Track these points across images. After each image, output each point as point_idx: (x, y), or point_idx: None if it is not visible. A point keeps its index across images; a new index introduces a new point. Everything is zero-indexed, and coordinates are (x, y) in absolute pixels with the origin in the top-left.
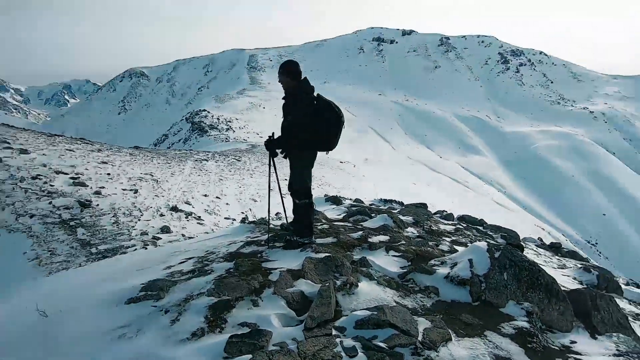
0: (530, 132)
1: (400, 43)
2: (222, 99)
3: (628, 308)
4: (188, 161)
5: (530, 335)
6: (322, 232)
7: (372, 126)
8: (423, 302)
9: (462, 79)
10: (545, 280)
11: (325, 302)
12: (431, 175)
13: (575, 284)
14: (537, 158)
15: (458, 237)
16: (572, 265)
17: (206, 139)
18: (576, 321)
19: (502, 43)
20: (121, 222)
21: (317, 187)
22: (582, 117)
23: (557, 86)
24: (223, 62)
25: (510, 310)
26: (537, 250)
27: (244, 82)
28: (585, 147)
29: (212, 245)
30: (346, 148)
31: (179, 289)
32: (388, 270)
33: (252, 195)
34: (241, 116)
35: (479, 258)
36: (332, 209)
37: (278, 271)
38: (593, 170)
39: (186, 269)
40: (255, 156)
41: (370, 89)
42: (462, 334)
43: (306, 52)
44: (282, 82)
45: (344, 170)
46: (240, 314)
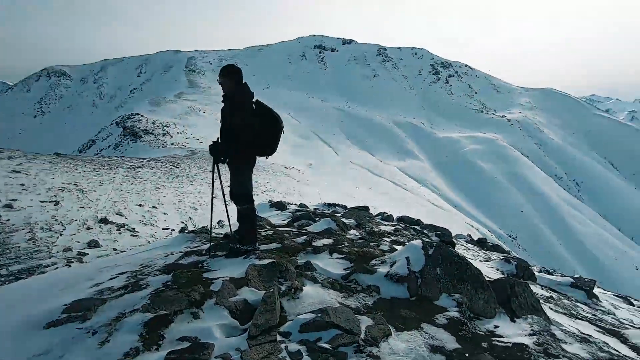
0: (459, 138)
1: (341, 51)
2: (157, 102)
3: (540, 292)
4: (120, 169)
5: (460, 324)
6: (267, 238)
7: (315, 132)
8: (365, 301)
9: (399, 88)
10: (472, 272)
11: (270, 309)
12: (373, 179)
13: (497, 274)
14: (466, 161)
15: (397, 237)
16: (496, 258)
17: (140, 144)
18: (498, 307)
19: (433, 55)
20: (39, 238)
21: (262, 193)
22: (501, 125)
23: (480, 96)
24: (158, 63)
25: (443, 302)
26: (466, 246)
27: (182, 85)
28: (505, 151)
29: (148, 257)
30: (290, 153)
31: (109, 308)
32: (332, 272)
33: (193, 203)
34: (179, 121)
35: (415, 255)
36: (276, 215)
37: (220, 280)
38: (511, 171)
39: (117, 285)
40: (196, 162)
41: (313, 95)
42: (401, 328)
43: (248, 57)
44: (222, 84)
45: (288, 175)
46: (179, 329)
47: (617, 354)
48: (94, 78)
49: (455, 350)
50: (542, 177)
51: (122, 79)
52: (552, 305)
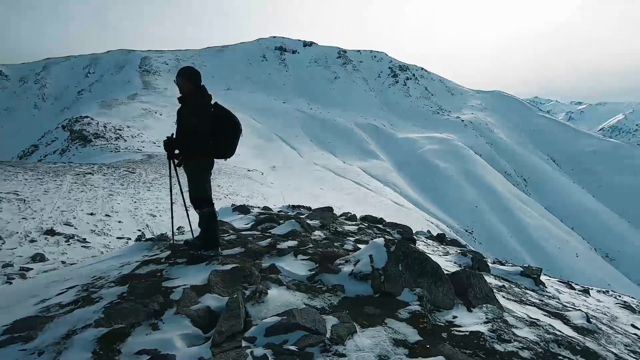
0: (417, 138)
1: (302, 53)
2: (109, 104)
3: (494, 282)
4: (67, 175)
5: (421, 317)
6: (230, 242)
7: (278, 134)
8: (331, 301)
9: (359, 90)
10: (431, 266)
11: (234, 314)
12: (336, 180)
13: (455, 267)
14: (424, 161)
15: (361, 236)
16: (454, 252)
17: (90, 149)
18: (456, 299)
19: (391, 58)
20: None
21: (224, 197)
22: (456, 125)
23: (436, 98)
24: (108, 63)
25: (405, 297)
26: (426, 242)
27: (136, 87)
28: (460, 151)
29: (101, 269)
30: (253, 156)
31: (57, 325)
32: (297, 274)
33: (150, 210)
34: (134, 123)
35: (378, 253)
36: (239, 219)
37: (181, 289)
38: (466, 170)
39: (67, 300)
40: (153, 167)
41: (275, 97)
42: (366, 325)
43: (207, 58)
44: (179, 84)
45: (251, 178)
46: (137, 341)
47: (561, 335)
48: (36, 78)
49: (417, 342)
50: (493, 174)
51: (68, 80)
52: (504, 294)
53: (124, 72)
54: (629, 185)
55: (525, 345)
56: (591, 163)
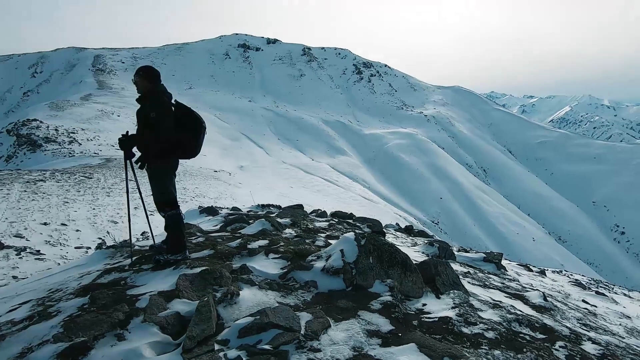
0: (383, 134)
1: (266, 51)
2: (60, 105)
3: (460, 269)
4: (15, 184)
5: (393, 307)
6: (198, 245)
7: (244, 133)
8: (304, 297)
9: (325, 87)
10: (401, 257)
11: (205, 318)
12: (306, 178)
13: (423, 256)
14: (390, 155)
15: (332, 232)
16: (421, 242)
17: (41, 154)
18: (425, 287)
19: (355, 56)
20: None
21: (191, 199)
22: (419, 120)
23: (400, 94)
24: (58, 62)
25: (376, 289)
26: (395, 234)
27: (90, 87)
28: (424, 145)
29: (58, 281)
30: (220, 156)
31: (9, 344)
32: (269, 273)
33: (111, 216)
34: (89, 126)
35: (349, 247)
36: (207, 221)
37: (147, 296)
38: (430, 163)
39: (20, 316)
40: (112, 172)
41: (240, 96)
42: (340, 319)
43: (166, 55)
44: (137, 83)
45: (219, 179)
46: (101, 354)
47: (522, 314)
48: None
49: (389, 331)
50: (456, 166)
51: (11, 80)
52: (469, 279)
53: (76, 71)
54: (576, 172)
55: (489, 327)
56: (543, 153)
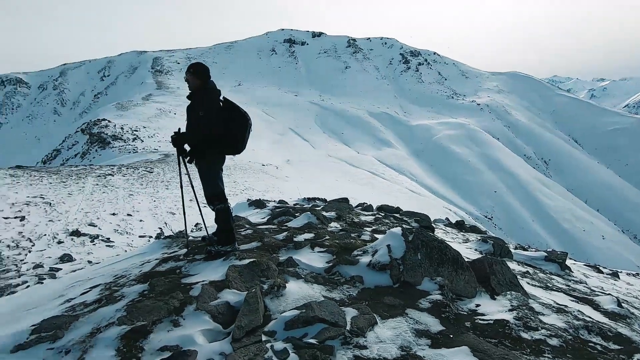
0: (432, 125)
1: (311, 44)
2: (125, 106)
3: (517, 268)
4: (89, 178)
5: (443, 306)
6: (246, 237)
7: (291, 127)
8: (349, 292)
9: (371, 78)
10: (451, 254)
11: (253, 309)
12: (351, 171)
13: (476, 254)
14: (440, 147)
15: (378, 226)
16: (474, 238)
17: (109, 151)
18: (479, 286)
19: (402, 45)
20: (5, 256)
21: (240, 192)
22: (472, 109)
23: (450, 82)
24: (122, 65)
25: (425, 287)
26: (445, 229)
27: (150, 87)
28: (476, 135)
29: (123, 267)
30: (267, 150)
31: (82, 324)
32: (314, 266)
33: (170, 208)
34: (150, 124)
35: (396, 243)
36: (255, 213)
37: (200, 285)
38: (484, 154)
39: (91, 299)
40: (170, 166)
41: (286, 90)
42: (386, 316)
43: (216, 54)
44: (188, 81)
45: (266, 173)
46: (159, 338)
47: (591, 321)
48: (54, 84)
49: (439, 332)
50: (512, 157)
51: (84, 84)
52: (528, 280)
53: (137, 73)
54: None
55: (553, 333)
56: (615, 141)
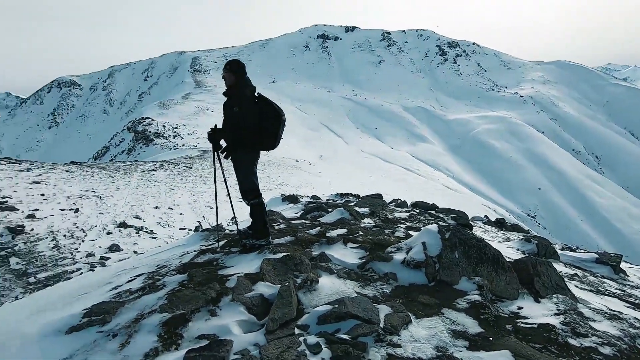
0: (470, 118)
1: (344, 39)
2: (166, 104)
3: (564, 270)
4: (134, 173)
5: (482, 307)
6: (280, 231)
7: (324, 123)
8: (383, 289)
9: (406, 72)
10: (491, 253)
11: (286, 302)
12: (385, 167)
13: (518, 254)
14: (479, 142)
15: (412, 223)
16: (515, 238)
17: (152, 148)
18: (521, 288)
19: (439, 36)
20: (62, 245)
21: (274, 187)
22: (514, 101)
23: (490, 74)
24: (164, 66)
25: (463, 286)
26: (484, 227)
27: (189, 86)
28: (519, 129)
29: (164, 258)
30: (301, 146)
31: (127, 310)
32: (347, 262)
33: (207, 202)
34: (189, 121)
35: (431, 240)
36: (289, 208)
37: (235, 277)
38: (527, 149)
39: (135, 287)
40: (207, 162)
41: (319, 86)
42: (421, 315)
43: (251, 52)
44: (224, 77)
45: (300, 168)
46: (197, 327)
47: None
48: (103, 85)
49: (478, 334)
50: (559, 152)
51: (130, 84)
52: (577, 283)
53: (178, 73)
54: None
55: (605, 341)
56: None
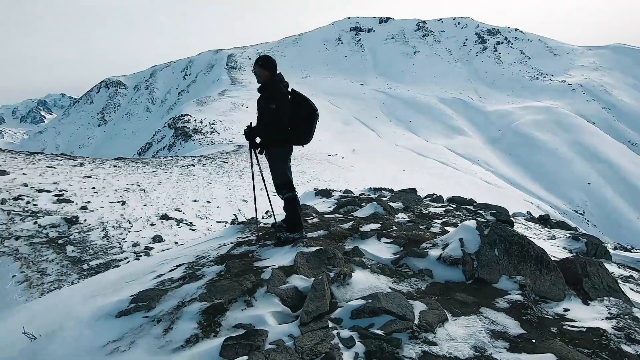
0: (512, 109)
1: (377, 31)
2: (203, 101)
3: (617, 272)
4: (174, 168)
5: (524, 308)
6: (313, 225)
7: (356, 117)
8: (418, 286)
9: (442, 62)
10: (535, 252)
11: (320, 295)
12: (419, 161)
13: (565, 253)
14: (521, 134)
15: (449, 219)
16: (562, 235)
17: (191, 143)
18: (568, 289)
19: (478, 23)
20: (111, 235)
21: (307, 181)
22: (561, 90)
23: (535, 61)
24: (201, 64)
25: (503, 285)
26: (526, 224)
27: (225, 83)
28: (566, 119)
29: (203, 249)
30: (333, 140)
31: (170, 297)
32: (381, 257)
33: (243, 196)
34: (225, 117)
35: (469, 237)
36: (322, 202)
37: (270, 269)
38: (575, 141)
39: (177, 276)
40: (243, 157)
41: (352, 80)
42: (458, 313)
43: (284, 48)
44: (256, 73)
45: (332, 162)
46: (234, 316)
47: None
48: (146, 85)
49: (520, 335)
50: (612, 144)
51: (170, 83)
52: (632, 286)
53: (214, 70)
54: None
55: None
56: None
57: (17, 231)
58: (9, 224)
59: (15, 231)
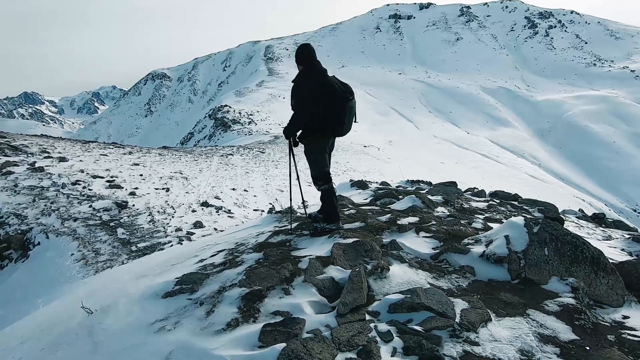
0: (564, 99)
1: (418, 18)
2: (242, 92)
3: None
4: (214, 157)
5: (577, 312)
6: (350, 217)
7: (394, 107)
8: (458, 283)
9: (487, 49)
10: (590, 253)
11: (357, 288)
12: (459, 153)
13: (623, 255)
14: (573, 126)
15: (492, 214)
16: (619, 236)
17: (230, 133)
18: (628, 295)
19: (528, 6)
20: (156, 220)
21: (342, 172)
22: (622, 77)
23: (592, 46)
24: (240, 55)
25: (553, 287)
26: (578, 223)
27: (262, 74)
28: (626, 109)
29: (242, 236)
30: (369, 131)
31: (211, 281)
32: (419, 251)
33: (279, 185)
34: (262, 108)
35: (516, 234)
36: (358, 194)
37: (307, 259)
38: (635, 133)
39: (217, 261)
40: (279, 147)
41: (390, 69)
42: (503, 314)
43: (321, 37)
44: (296, 63)
45: (368, 154)
46: (272, 303)
47: None
48: (188, 76)
49: (571, 341)
50: None
51: (211, 75)
52: None
53: (252, 62)
54: None
55: None
56: None
57: (75, 213)
58: (69, 206)
59: (74, 213)
